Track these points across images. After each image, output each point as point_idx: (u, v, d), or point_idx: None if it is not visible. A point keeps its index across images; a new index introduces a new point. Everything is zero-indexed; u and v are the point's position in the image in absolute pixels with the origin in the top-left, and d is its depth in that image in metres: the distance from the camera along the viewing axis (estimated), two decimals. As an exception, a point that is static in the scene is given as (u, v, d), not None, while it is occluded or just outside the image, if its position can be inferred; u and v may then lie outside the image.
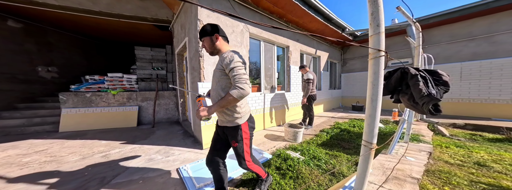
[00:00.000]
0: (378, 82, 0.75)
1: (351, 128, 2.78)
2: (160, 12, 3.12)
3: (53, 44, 3.82)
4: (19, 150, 1.94)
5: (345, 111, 4.90)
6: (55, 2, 2.58)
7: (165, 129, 3.01)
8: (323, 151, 1.85)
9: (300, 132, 2.17)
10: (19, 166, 1.55)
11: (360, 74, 5.51)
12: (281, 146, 2.04)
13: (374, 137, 0.78)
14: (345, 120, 3.57)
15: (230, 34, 2.21)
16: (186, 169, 1.44)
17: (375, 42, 0.74)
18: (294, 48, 3.47)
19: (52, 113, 3.08)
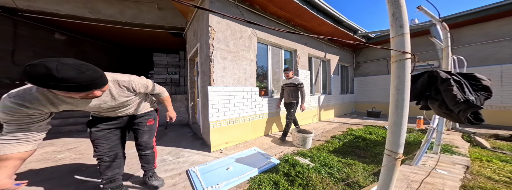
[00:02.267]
0: (404, 87, 0.66)
1: (367, 135, 2.53)
2: (175, 20, 3.32)
3: (87, 52, 4.31)
4: (55, 147, 2.13)
5: (359, 117, 4.52)
6: (91, 16, 2.93)
7: (176, 131, 3.08)
8: (335, 158, 1.70)
9: (309, 137, 2.05)
10: (54, 161, 1.69)
11: (375, 78, 5.10)
12: (289, 152, 1.93)
13: (400, 146, 0.68)
14: (359, 126, 3.28)
15: (239, 39, 2.22)
16: (195, 171, 1.45)
17: (398, 43, 0.66)
18: (302, 52, 3.37)
19: (83, 114, 3.39)
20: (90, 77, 0.56)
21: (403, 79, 0.65)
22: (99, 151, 0.98)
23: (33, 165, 1.60)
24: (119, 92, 0.86)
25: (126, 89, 0.88)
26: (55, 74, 0.49)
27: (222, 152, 1.95)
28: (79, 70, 0.54)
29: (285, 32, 2.70)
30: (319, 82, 4.18)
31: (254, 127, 2.47)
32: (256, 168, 1.47)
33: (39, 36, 3.36)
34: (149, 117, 1.17)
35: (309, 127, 2.94)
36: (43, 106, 0.62)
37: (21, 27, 3.04)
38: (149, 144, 1.17)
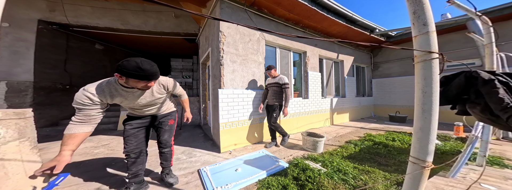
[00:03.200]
0: (431, 90, 0.59)
1: (389, 142, 2.27)
2: (190, 27, 3.59)
3: (119, 59, 4.89)
4: (92, 143, 2.43)
5: (379, 121, 4.09)
6: (122, 27, 3.37)
7: (189, 131, 3.23)
8: (350, 164, 1.57)
9: (321, 141, 1.94)
10: (92, 155, 1.93)
11: (399, 79, 4.58)
12: (298, 155, 1.85)
13: (428, 154, 0.61)
14: (379, 132, 2.97)
15: (247, 43, 2.26)
16: (206, 171, 1.48)
17: (422, 43, 0.60)
18: (312, 53, 3.24)
19: (114, 114, 3.83)
20: (155, 69, 0.82)
21: (430, 81, 0.59)
22: (128, 147, 1.08)
23: (76, 158, 1.84)
24: (157, 89, 1.04)
25: (163, 87, 1.06)
26: (140, 66, 0.76)
27: (231, 153, 1.96)
28: (151, 64, 0.80)
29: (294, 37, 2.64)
30: (331, 84, 3.94)
31: (262, 129, 2.43)
32: (264, 171, 1.45)
33: (84, 47, 3.98)
34: (170, 117, 1.28)
35: (321, 131, 2.76)
36: (104, 97, 0.84)
37: (72, 40, 3.65)
38: (168, 142, 1.27)
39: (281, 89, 2.02)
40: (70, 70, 3.61)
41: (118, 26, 3.34)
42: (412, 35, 0.62)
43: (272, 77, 2.10)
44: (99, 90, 0.82)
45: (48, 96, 3.16)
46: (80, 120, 0.79)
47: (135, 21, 3.40)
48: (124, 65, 0.75)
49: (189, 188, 1.24)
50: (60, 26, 3.22)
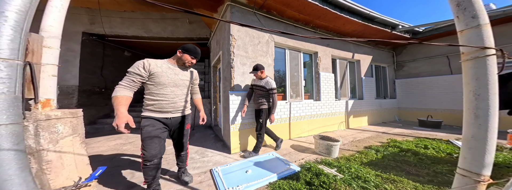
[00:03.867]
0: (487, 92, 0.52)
1: (420, 150, 2.02)
2: (202, 32, 3.85)
3: (143, 65, 5.48)
4: (121, 140, 2.73)
5: (406, 126, 3.65)
6: (146, 34, 3.78)
7: (201, 132, 3.37)
8: (371, 171, 1.45)
9: (336, 146, 1.83)
10: (121, 151, 2.18)
11: (430, 79, 4.03)
12: (311, 159, 1.78)
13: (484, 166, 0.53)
14: (407, 138, 2.66)
15: (257, 45, 2.28)
16: (218, 171, 1.52)
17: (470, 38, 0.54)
18: (323, 54, 3.09)
19: (138, 115, 4.22)
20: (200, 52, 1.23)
21: (485, 81, 0.51)
22: (149, 152, 1.02)
23: (108, 152, 2.11)
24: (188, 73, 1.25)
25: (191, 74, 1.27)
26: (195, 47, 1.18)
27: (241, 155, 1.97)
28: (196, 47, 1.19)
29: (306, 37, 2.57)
30: (346, 85, 3.68)
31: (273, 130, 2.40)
32: (275, 174, 1.43)
33: (116, 55, 4.56)
34: (187, 122, 1.29)
35: (335, 135, 2.59)
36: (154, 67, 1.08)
37: (107, 48, 4.23)
38: (185, 146, 1.34)
39: (268, 94, 1.84)
40: (105, 75, 4.17)
41: (142, 34, 3.76)
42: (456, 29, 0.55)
43: (258, 78, 1.90)
44: (152, 61, 1.09)
45: (89, 98, 3.69)
46: (126, 85, 0.98)
47: (155, 28, 3.78)
48: (186, 45, 1.16)
49: (202, 187, 1.29)
50: (98, 36, 3.77)
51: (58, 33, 0.91)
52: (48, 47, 0.85)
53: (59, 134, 0.88)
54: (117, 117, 0.86)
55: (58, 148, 0.87)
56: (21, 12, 0.69)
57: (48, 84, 0.87)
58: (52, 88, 0.89)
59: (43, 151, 0.81)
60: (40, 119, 0.80)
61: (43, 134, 0.81)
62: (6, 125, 0.65)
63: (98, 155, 2.05)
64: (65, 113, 0.90)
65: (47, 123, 0.82)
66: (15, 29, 0.67)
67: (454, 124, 3.62)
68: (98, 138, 2.84)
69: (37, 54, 0.81)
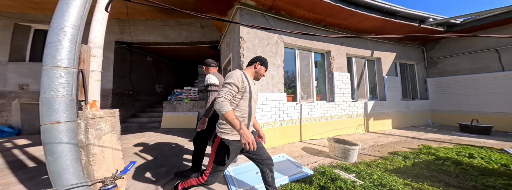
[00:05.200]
0: None
1: (463, 159, 1.78)
2: (213, 35, 4.14)
3: (162, 69, 6.08)
4: (145, 138, 3.06)
5: (442, 131, 3.22)
6: (164, 40, 4.22)
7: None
8: (398, 180, 1.35)
9: (355, 150, 1.75)
10: (146, 148, 2.45)
11: (473, 78, 3.48)
12: (324, 163, 1.74)
13: None
14: (444, 144, 2.37)
15: (266, 46, 2.34)
16: (229, 171, 1.55)
17: None
18: (337, 53, 2.97)
19: (159, 115, 4.71)
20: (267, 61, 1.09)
21: None
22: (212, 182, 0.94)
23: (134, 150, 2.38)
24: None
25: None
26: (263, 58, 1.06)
27: None
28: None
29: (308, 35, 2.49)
30: (365, 85, 3.43)
31: (281, 133, 2.40)
32: (286, 176, 1.42)
33: (140, 60, 5.19)
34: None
35: (352, 138, 2.44)
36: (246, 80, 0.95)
37: (133, 55, 4.85)
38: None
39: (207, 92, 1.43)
40: (133, 79, 4.78)
41: (161, 40, 4.22)
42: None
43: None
44: (245, 74, 0.95)
45: (120, 100, 4.27)
46: (228, 98, 0.84)
47: (172, 34, 4.21)
48: (261, 57, 1.05)
49: (215, 187, 1.32)
50: (126, 44, 4.35)
51: (101, 43, 1.12)
52: (94, 56, 1.06)
53: (102, 131, 1.06)
54: (245, 135, 0.74)
55: (101, 143, 1.05)
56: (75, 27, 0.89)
57: (94, 87, 1.07)
58: (97, 91, 1.09)
59: (90, 145, 1.00)
60: (88, 118, 0.99)
61: (91, 131, 1.00)
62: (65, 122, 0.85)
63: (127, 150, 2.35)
64: (106, 113, 1.10)
65: (93, 121, 1.01)
66: (71, 42, 0.88)
67: (509, 130, 3.01)
68: (127, 136, 3.24)
69: (87, 62, 1.01)
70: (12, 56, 3.50)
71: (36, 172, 1.58)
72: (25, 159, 1.96)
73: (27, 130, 3.49)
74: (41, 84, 0.84)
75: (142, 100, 5.08)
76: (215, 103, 0.81)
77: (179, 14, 3.97)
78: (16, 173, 1.58)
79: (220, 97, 0.82)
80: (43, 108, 0.83)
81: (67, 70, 0.88)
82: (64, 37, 0.90)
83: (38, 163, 1.83)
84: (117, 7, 3.42)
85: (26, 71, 3.51)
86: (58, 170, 0.85)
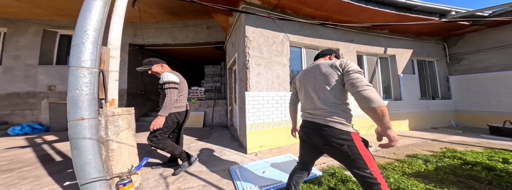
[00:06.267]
0: None
1: (496, 164, 1.64)
2: (218, 36, 4.26)
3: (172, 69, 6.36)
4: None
5: (468, 133, 2.98)
6: (172, 42, 4.44)
7: (219, 131, 3.62)
8: (419, 184, 1.28)
9: None
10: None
11: (506, 74, 3.16)
12: (334, 164, 1.70)
13: None
14: (473, 148, 2.21)
15: (271, 45, 2.35)
16: (235, 170, 1.59)
17: None
18: (346, 51, 2.88)
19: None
20: None
21: None
22: None
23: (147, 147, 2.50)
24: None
25: None
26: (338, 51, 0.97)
27: (257, 155, 2.04)
28: None
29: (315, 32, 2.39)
30: (377, 84, 3.28)
31: (288, 133, 2.39)
32: None
33: (151, 62, 5.51)
34: None
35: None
36: None
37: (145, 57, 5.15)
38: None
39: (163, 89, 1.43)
40: (145, 79, 5.08)
41: (170, 42, 4.44)
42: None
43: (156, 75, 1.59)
44: None
45: (133, 99, 4.57)
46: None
47: (180, 35, 4.41)
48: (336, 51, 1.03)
49: (222, 185, 1.37)
50: (139, 46, 4.65)
51: (118, 45, 1.23)
52: (112, 57, 1.16)
53: (119, 127, 1.14)
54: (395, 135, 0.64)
55: (118, 139, 1.13)
56: (96, 30, 0.98)
57: (112, 87, 1.17)
58: (115, 90, 1.18)
59: (109, 141, 1.07)
60: (108, 115, 1.07)
61: (110, 127, 1.08)
62: (88, 119, 0.94)
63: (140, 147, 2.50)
64: (123, 111, 1.19)
65: (112, 118, 1.10)
66: (93, 44, 0.97)
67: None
68: (139, 133, 3.43)
69: (106, 63, 1.12)
70: (41, 60, 3.94)
71: (63, 166, 1.75)
72: (53, 154, 2.18)
73: (54, 127, 3.88)
74: (68, 83, 0.94)
75: (153, 100, 5.37)
76: (367, 92, 0.64)
77: (186, 16, 4.14)
78: (45, 166, 1.77)
79: (369, 85, 0.66)
80: (70, 105, 0.92)
81: (90, 70, 0.98)
82: (87, 39, 0.99)
83: (64, 158, 2.03)
84: (131, 11, 3.68)
85: (54, 73, 3.94)
86: (82, 164, 0.94)
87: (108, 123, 1.07)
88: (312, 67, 0.91)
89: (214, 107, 4.42)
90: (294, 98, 1.15)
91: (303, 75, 0.94)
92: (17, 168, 1.73)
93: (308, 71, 0.92)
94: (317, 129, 0.79)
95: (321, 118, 0.79)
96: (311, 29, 2.65)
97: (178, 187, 1.31)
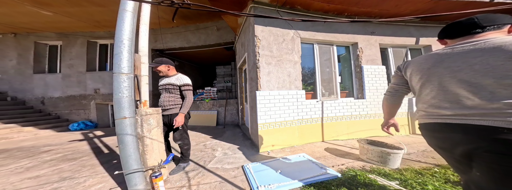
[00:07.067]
0: None
1: None
2: (228, 37, 4.59)
3: (187, 71, 6.96)
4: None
5: None
6: (187, 45, 4.92)
7: (231, 130, 3.84)
8: None
9: (397, 155, 1.62)
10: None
11: None
12: (354, 166, 1.69)
13: None
14: None
15: (281, 43, 2.42)
16: (249, 168, 1.67)
17: None
18: (367, 44, 2.75)
19: None
20: None
21: None
22: None
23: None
24: None
25: None
26: None
27: (269, 154, 2.13)
28: None
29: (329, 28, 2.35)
30: (407, 80, 2.99)
31: (300, 132, 2.43)
32: (308, 177, 1.45)
33: (168, 64, 6.17)
34: None
35: (393, 140, 2.25)
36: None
37: (162, 60, 5.80)
38: None
39: (180, 92, 1.67)
40: (161, 81, 5.75)
41: (185, 45, 4.93)
42: None
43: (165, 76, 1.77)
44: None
45: (156, 100, 5.21)
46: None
47: (193, 38, 4.88)
48: None
49: (237, 182, 1.45)
50: (159, 51, 5.26)
51: (147, 52, 1.50)
52: (143, 62, 1.44)
53: (151, 125, 1.38)
54: None
55: (151, 136, 1.36)
56: (130, 39, 1.24)
57: (144, 89, 1.43)
58: (146, 93, 1.44)
59: (144, 137, 1.31)
60: (142, 114, 1.32)
61: (144, 125, 1.32)
62: (129, 118, 1.20)
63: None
64: (153, 111, 1.44)
65: (146, 117, 1.34)
66: (129, 52, 1.24)
67: None
68: None
69: (139, 68, 1.39)
70: (88, 67, 5.04)
71: (109, 157, 2.18)
72: (102, 147, 2.71)
73: (100, 124, 4.95)
74: (113, 87, 1.20)
75: (171, 101, 6.06)
76: None
77: (197, 19, 4.58)
78: (97, 156, 2.23)
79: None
80: (116, 106, 1.19)
81: (128, 75, 1.25)
82: (124, 48, 1.26)
83: (109, 151, 2.52)
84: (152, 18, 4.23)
85: (97, 78, 4.99)
86: (125, 157, 1.18)
87: (142, 122, 1.32)
88: (467, 51, 0.61)
89: (226, 106, 4.71)
90: (402, 89, 0.91)
91: (435, 62, 0.68)
92: (79, 157, 2.25)
93: (451, 56, 0.65)
94: (489, 133, 0.56)
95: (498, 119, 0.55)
96: (324, 23, 2.61)
97: (198, 182, 1.47)
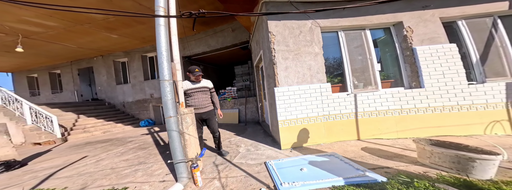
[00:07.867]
0: None
1: None
2: (243, 36, 5.00)
3: (210, 74, 7.80)
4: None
5: None
6: (208, 49, 5.59)
7: (252, 127, 4.08)
8: None
9: (490, 162, 1.25)
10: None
11: None
12: (408, 170, 1.47)
13: None
14: None
15: (298, 36, 2.39)
16: (272, 164, 1.74)
17: None
18: (418, 20, 2.32)
19: None
20: None
21: None
22: None
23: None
24: None
25: None
26: None
27: (292, 151, 2.17)
28: None
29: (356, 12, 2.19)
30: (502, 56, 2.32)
31: (328, 129, 2.34)
32: (340, 178, 1.39)
33: (195, 69, 7.17)
34: None
35: (479, 142, 1.86)
36: None
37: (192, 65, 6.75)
38: None
39: (210, 94, 2.28)
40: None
41: (206, 49, 5.64)
42: None
43: (198, 81, 2.23)
44: None
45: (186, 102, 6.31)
46: None
47: (212, 42, 5.52)
48: None
49: (260, 177, 1.53)
50: (187, 58, 6.18)
51: (179, 59, 1.90)
52: (178, 69, 1.83)
53: (188, 123, 1.73)
54: None
55: (188, 132, 1.72)
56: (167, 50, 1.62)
57: (180, 93, 1.81)
58: (181, 96, 1.82)
59: (184, 133, 1.66)
60: (181, 114, 1.68)
61: (183, 123, 1.67)
62: (173, 117, 1.60)
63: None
64: (188, 110, 1.80)
65: (184, 116, 1.70)
66: (167, 61, 1.63)
67: None
68: None
69: (175, 75, 1.79)
70: (144, 77, 6.79)
71: (165, 149, 2.86)
72: (160, 140, 3.59)
73: (157, 122, 6.67)
74: (161, 92, 1.60)
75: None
76: None
77: (214, 23, 5.18)
78: (157, 147, 3.01)
79: None
80: (165, 107, 1.59)
81: (169, 82, 1.65)
82: (164, 59, 1.65)
83: (164, 143, 3.31)
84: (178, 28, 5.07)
85: (151, 85, 6.64)
86: (173, 149, 1.56)
87: (182, 120, 1.69)
88: None
89: (245, 104, 5.05)
90: None
91: None
92: (147, 147, 3.12)
93: None
94: None
95: None
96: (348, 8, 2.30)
97: (226, 175, 1.66)
